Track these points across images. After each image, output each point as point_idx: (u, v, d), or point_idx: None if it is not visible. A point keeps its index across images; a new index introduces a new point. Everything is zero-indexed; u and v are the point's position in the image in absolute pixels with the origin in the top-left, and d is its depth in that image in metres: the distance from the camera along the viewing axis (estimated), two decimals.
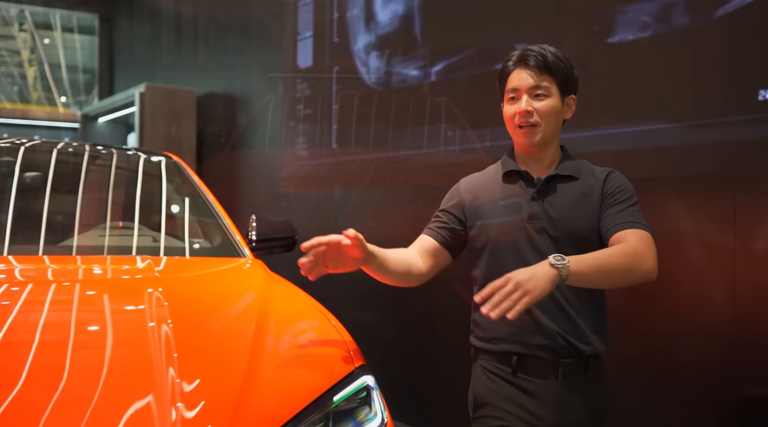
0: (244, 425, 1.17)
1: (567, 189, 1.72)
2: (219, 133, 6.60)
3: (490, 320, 1.49)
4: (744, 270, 2.62)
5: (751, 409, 2.61)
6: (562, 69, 1.73)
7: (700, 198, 2.78)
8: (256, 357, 1.36)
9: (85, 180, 2.34)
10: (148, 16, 8.77)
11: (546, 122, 1.71)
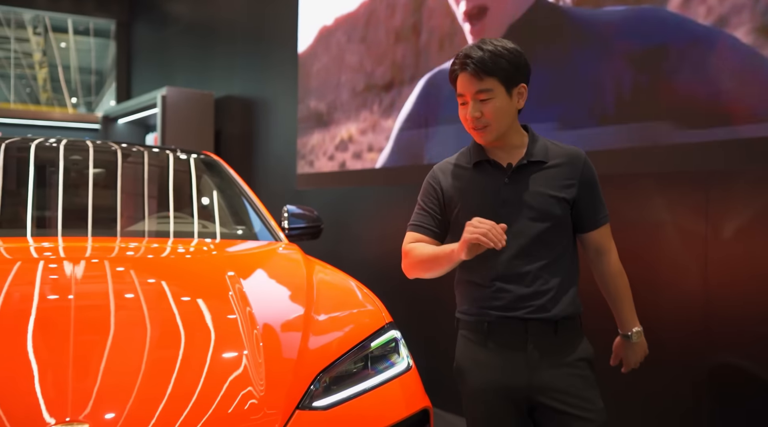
0: (309, 357, 1.54)
1: (537, 173, 1.81)
2: (235, 134, 6.97)
3: (466, 293, 1.81)
4: (714, 254, 2.97)
5: (721, 375, 2.97)
6: (502, 66, 1.75)
7: (678, 192, 3.14)
8: (310, 310, 1.73)
9: (148, 176, 2.71)
10: (164, 22, 9.13)
11: (495, 121, 1.77)
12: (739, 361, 2.89)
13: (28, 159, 2.55)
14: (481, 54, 1.74)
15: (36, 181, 2.45)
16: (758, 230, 2.84)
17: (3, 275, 1.74)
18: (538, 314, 1.77)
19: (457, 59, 1.80)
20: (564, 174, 1.83)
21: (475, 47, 1.77)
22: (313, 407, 1.47)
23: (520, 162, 1.82)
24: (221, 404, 1.36)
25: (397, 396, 1.68)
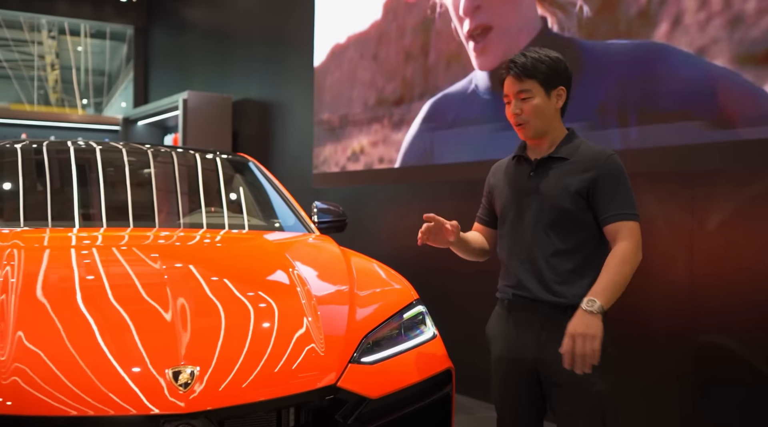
0: (355, 324, 1.89)
1: (557, 168, 1.96)
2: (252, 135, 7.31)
3: (500, 274, 2.06)
4: (699, 245, 3.31)
5: (706, 356, 3.30)
6: (542, 70, 1.93)
7: (666, 189, 3.48)
8: (353, 288, 2.08)
9: (191, 175, 3.06)
10: (182, 28, 9.48)
11: (534, 118, 1.94)
12: (723, 342, 3.22)
13: (91, 160, 2.91)
14: (524, 60, 1.96)
15: (103, 180, 2.81)
16: (739, 223, 3.18)
17: (122, 255, 2.13)
18: (545, 296, 1.93)
19: (504, 64, 2.01)
20: (581, 171, 1.94)
21: (521, 54, 1.99)
22: (361, 362, 1.82)
23: (544, 157, 2.00)
24: (290, 357, 1.70)
25: (426, 357, 2.02)
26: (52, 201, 2.68)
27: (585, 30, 3.61)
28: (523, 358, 1.96)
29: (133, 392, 1.48)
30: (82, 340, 1.57)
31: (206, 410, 1.51)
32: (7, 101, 20.61)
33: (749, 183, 3.14)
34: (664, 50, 3.25)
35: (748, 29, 2.91)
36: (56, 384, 1.46)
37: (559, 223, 1.96)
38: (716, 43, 3.03)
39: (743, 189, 3.16)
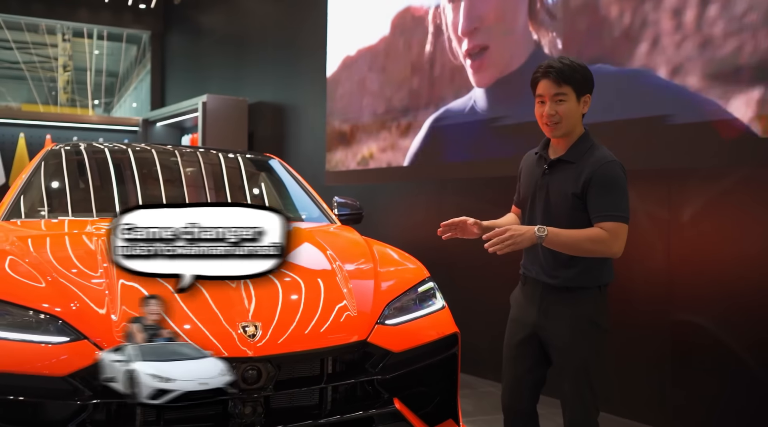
0: (380, 294, 2.30)
1: (564, 171, 2.20)
2: (267, 135, 7.73)
3: (527, 256, 2.35)
4: (675, 234, 3.71)
5: (681, 331, 3.70)
6: (577, 79, 2.14)
7: (647, 185, 3.88)
8: (376, 266, 2.50)
9: (226, 173, 3.50)
10: (198, 33, 9.91)
11: (566, 119, 2.15)
12: (695, 318, 3.61)
13: (146, 160, 3.36)
14: (561, 65, 2.15)
15: (163, 178, 3.27)
16: (709, 214, 3.58)
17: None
18: (544, 278, 2.23)
19: (540, 68, 2.19)
20: (579, 174, 2.16)
21: (557, 60, 2.18)
22: (385, 324, 2.24)
23: (554, 160, 2.24)
24: (331, 318, 2.14)
25: (437, 323, 2.44)
26: (105, 195, 3.12)
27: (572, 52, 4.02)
28: (527, 321, 2.27)
29: (212, 342, 1.91)
30: (170, 302, 2.00)
31: (267, 356, 1.93)
32: (19, 101, 21.06)
33: (718, 180, 3.55)
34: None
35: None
36: None
37: (561, 217, 2.21)
38: (690, 61, 3.45)
39: (713, 185, 3.57)
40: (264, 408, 1.94)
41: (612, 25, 3.84)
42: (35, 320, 1.89)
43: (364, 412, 2.10)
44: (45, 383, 1.80)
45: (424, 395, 2.31)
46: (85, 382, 1.82)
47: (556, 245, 2.13)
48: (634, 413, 3.86)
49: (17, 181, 3.13)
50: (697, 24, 3.43)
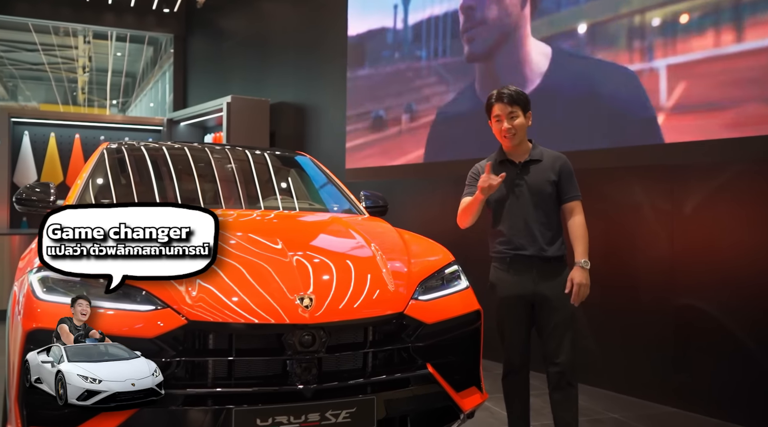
0: (413, 274, 2.60)
1: (536, 167, 2.91)
2: (289, 135, 8.06)
3: (495, 241, 2.93)
4: (678, 225, 4.00)
5: (683, 315, 3.98)
6: (522, 99, 2.89)
7: (652, 180, 4.17)
8: (407, 248, 2.82)
9: (261, 169, 3.83)
10: (220, 36, 10.25)
11: (519, 131, 2.88)
12: (697, 303, 3.90)
13: (197, 157, 3.71)
14: (508, 91, 2.91)
15: (217, 172, 3.62)
16: (708, 207, 3.87)
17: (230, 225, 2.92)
18: (538, 253, 2.88)
19: (493, 95, 2.94)
20: (550, 167, 2.92)
21: (505, 88, 2.94)
22: (419, 299, 2.54)
23: (526, 160, 2.94)
24: (373, 293, 2.44)
25: (462, 300, 2.74)
26: (166, 189, 3.46)
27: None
28: (523, 293, 2.90)
29: (277, 310, 2.23)
30: (238, 278, 2.32)
31: (320, 323, 2.24)
32: (39, 101, 21.53)
33: (717, 175, 3.84)
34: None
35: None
36: (224, 305, 2.21)
37: (542, 203, 2.91)
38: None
39: (712, 180, 3.87)
40: (317, 369, 2.25)
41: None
42: (125, 292, 2.21)
43: (401, 374, 2.41)
44: (136, 344, 2.11)
45: (452, 363, 2.61)
46: (168, 343, 2.14)
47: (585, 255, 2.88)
48: (639, 392, 4.16)
49: (80, 176, 3.47)
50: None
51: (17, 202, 3.27)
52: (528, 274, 2.89)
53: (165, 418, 2.11)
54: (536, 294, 2.90)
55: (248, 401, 2.15)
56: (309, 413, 2.19)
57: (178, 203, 2.68)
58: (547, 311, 2.90)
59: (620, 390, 4.25)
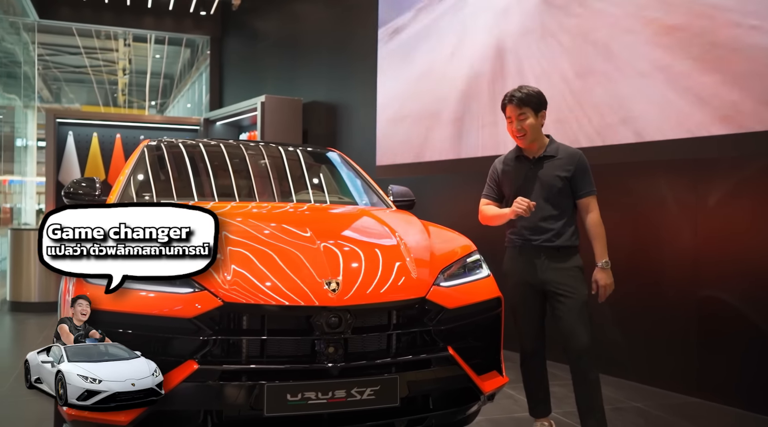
0: (435, 262, 2.73)
1: (549, 162, 3.06)
2: (321, 133, 8.24)
3: (510, 229, 3.08)
4: (702, 218, 4.05)
5: (707, 306, 4.04)
6: (533, 100, 3.02)
7: (677, 174, 4.23)
8: (430, 238, 2.95)
9: (294, 165, 4.00)
10: (255, 37, 10.50)
11: (529, 131, 3.03)
12: (720, 295, 3.96)
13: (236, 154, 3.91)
14: (520, 94, 3.06)
15: (251, 168, 3.80)
16: (732, 200, 3.92)
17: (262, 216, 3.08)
18: (547, 243, 3.04)
19: (506, 96, 3.11)
20: (565, 163, 3.05)
21: (516, 90, 3.09)
22: (440, 285, 2.66)
23: (540, 156, 3.08)
24: (397, 280, 2.57)
25: (483, 287, 2.85)
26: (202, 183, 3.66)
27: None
28: (533, 281, 3.07)
29: (306, 293, 2.38)
30: (270, 264, 2.48)
31: (346, 306, 2.38)
32: (81, 103, 22.19)
33: (740, 169, 3.88)
34: None
35: None
36: (257, 288, 2.37)
37: (553, 196, 3.04)
38: None
39: (736, 173, 3.91)
40: (343, 349, 2.40)
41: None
42: None
43: (423, 356, 2.54)
44: (177, 323, 2.28)
45: (472, 347, 2.72)
46: (205, 323, 2.30)
47: (606, 251, 3.03)
48: (662, 382, 4.22)
49: (123, 172, 3.68)
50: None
51: (65, 196, 3.49)
52: (537, 262, 3.05)
53: (203, 392, 2.27)
54: (545, 282, 3.04)
55: (279, 377, 2.30)
56: (336, 389, 2.33)
57: (177, 203, 2.76)
58: (557, 299, 3.03)
59: (644, 381, 4.31)
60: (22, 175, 11.65)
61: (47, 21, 10.87)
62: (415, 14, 6.53)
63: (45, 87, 20.35)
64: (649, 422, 3.61)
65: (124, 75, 17.94)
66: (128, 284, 2.35)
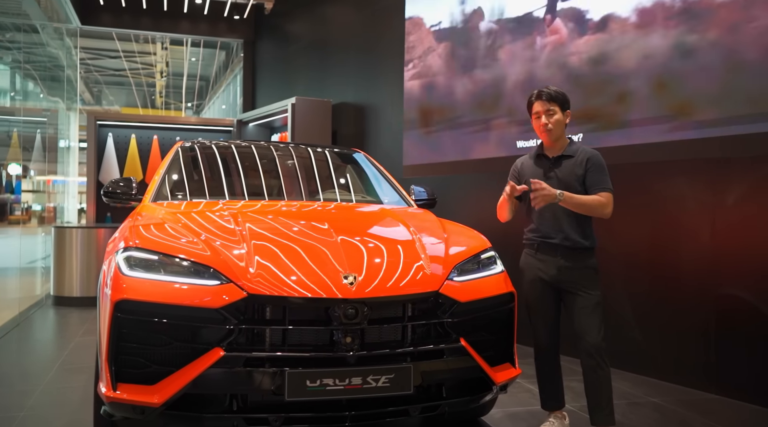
0: (450, 257, 2.85)
1: (566, 162, 3.16)
2: (350, 133, 8.41)
3: (528, 228, 3.19)
4: (719, 216, 4.09)
5: (723, 302, 4.07)
6: (560, 98, 3.16)
7: (694, 173, 4.26)
8: (446, 234, 3.08)
9: (321, 165, 4.17)
10: (286, 41, 10.73)
11: (555, 128, 3.15)
12: (738, 292, 3.99)
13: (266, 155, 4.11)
14: (548, 91, 3.20)
15: (280, 169, 3.99)
16: (748, 199, 3.95)
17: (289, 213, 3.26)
18: (563, 242, 3.13)
19: (533, 93, 3.25)
20: (581, 162, 3.14)
21: (544, 88, 3.24)
22: (454, 280, 2.79)
23: (559, 155, 3.20)
24: (412, 274, 2.70)
25: (496, 283, 2.96)
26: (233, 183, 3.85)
27: None
28: (548, 278, 3.17)
29: (326, 285, 2.52)
30: (293, 257, 2.64)
31: (362, 298, 2.52)
32: (120, 105, 22.82)
33: (757, 168, 3.91)
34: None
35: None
36: (279, 281, 2.53)
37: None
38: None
39: (753, 173, 3.94)
40: (360, 339, 2.54)
41: None
42: (196, 269, 2.57)
43: (436, 346, 2.67)
44: (204, 313, 2.45)
45: (485, 340, 2.84)
46: (231, 313, 2.46)
47: (571, 204, 3.04)
48: (680, 379, 4.26)
49: (158, 172, 3.89)
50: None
51: (105, 195, 3.72)
52: (552, 260, 3.15)
53: (229, 377, 2.44)
54: (560, 280, 3.14)
55: (300, 364, 2.45)
56: (352, 377, 2.48)
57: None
58: (571, 297, 3.12)
59: (662, 377, 4.36)
60: (65, 176, 12.09)
61: (89, 27, 11.28)
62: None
63: (86, 89, 21.00)
64: (665, 417, 3.67)
65: (162, 77, 18.41)
66: (159, 277, 2.55)
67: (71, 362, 4.77)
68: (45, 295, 7.84)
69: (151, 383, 2.44)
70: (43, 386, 4.13)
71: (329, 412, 2.51)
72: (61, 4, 10.21)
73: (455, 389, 2.76)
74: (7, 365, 4.75)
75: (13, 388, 4.08)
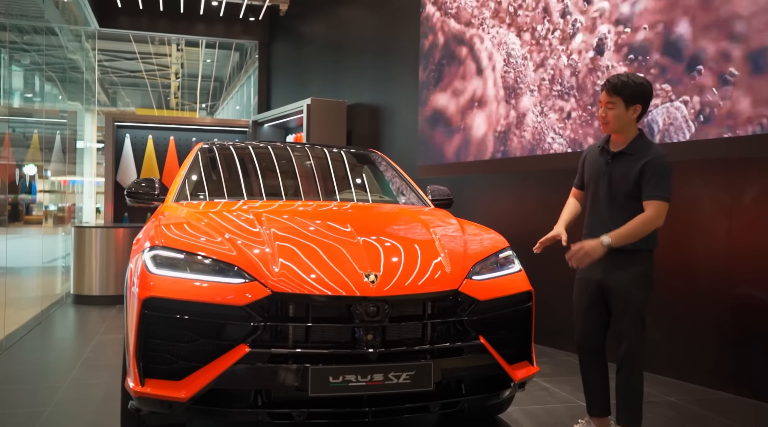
0: (469, 256, 2.90)
1: (624, 160, 2.94)
2: (364, 134, 8.46)
3: (584, 224, 3.10)
4: (736, 216, 4.09)
5: (741, 302, 4.07)
6: (627, 91, 2.86)
7: (711, 173, 4.27)
8: (465, 234, 3.13)
9: (337, 166, 4.23)
10: (301, 42, 10.81)
11: (613, 122, 2.93)
12: (755, 292, 3.99)
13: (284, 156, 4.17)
14: (615, 81, 2.92)
15: (297, 169, 4.06)
16: (765, 199, 3.95)
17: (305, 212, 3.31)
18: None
19: (605, 81, 2.98)
20: (638, 163, 2.90)
21: (615, 76, 2.95)
22: (473, 279, 2.83)
23: (618, 151, 2.99)
24: (433, 273, 2.75)
25: (515, 281, 3.01)
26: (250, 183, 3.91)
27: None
28: (594, 277, 3.04)
29: (347, 284, 2.58)
30: (314, 257, 2.69)
31: (383, 296, 2.57)
32: (135, 106, 23.03)
33: None
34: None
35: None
36: (302, 279, 2.58)
37: (621, 198, 2.97)
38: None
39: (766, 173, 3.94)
40: (381, 336, 2.59)
41: None
42: (220, 268, 2.63)
43: (456, 344, 2.72)
44: (230, 311, 2.51)
45: (504, 338, 2.88)
46: (255, 311, 2.52)
47: (621, 242, 2.86)
48: (697, 378, 4.27)
49: (179, 173, 3.97)
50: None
51: (128, 195, 3.79)
52: (601, 260, 2.93)
53: (254, 373, 2.49)
54: (605, 281, 2.99)
55: (323, 361, 2.50)
56: (374, 373, 2.52)
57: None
58: (614, 299, 2.98)
59: (678, 376, 4.37)
60: (82, 176, 12.24)
61: (107, 29, 11.42)
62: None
63: (102, 91, 21.21)
64: (681, 415, 3.69)
65: (177, 78, 18.57)
66: (185, 275, 2.61)
67: (94, 359, 4.86)
68: (65, 293, 7.96)
69: (179, 378, 2.50)
70: (68, 382, 4.21)
71: (350, 408, 2.56)
72: (80, 6, 10.34)
73: (474, 385, 2.80)
74: (31, 361, 4.85)
75: (39, 384, 4.17)
